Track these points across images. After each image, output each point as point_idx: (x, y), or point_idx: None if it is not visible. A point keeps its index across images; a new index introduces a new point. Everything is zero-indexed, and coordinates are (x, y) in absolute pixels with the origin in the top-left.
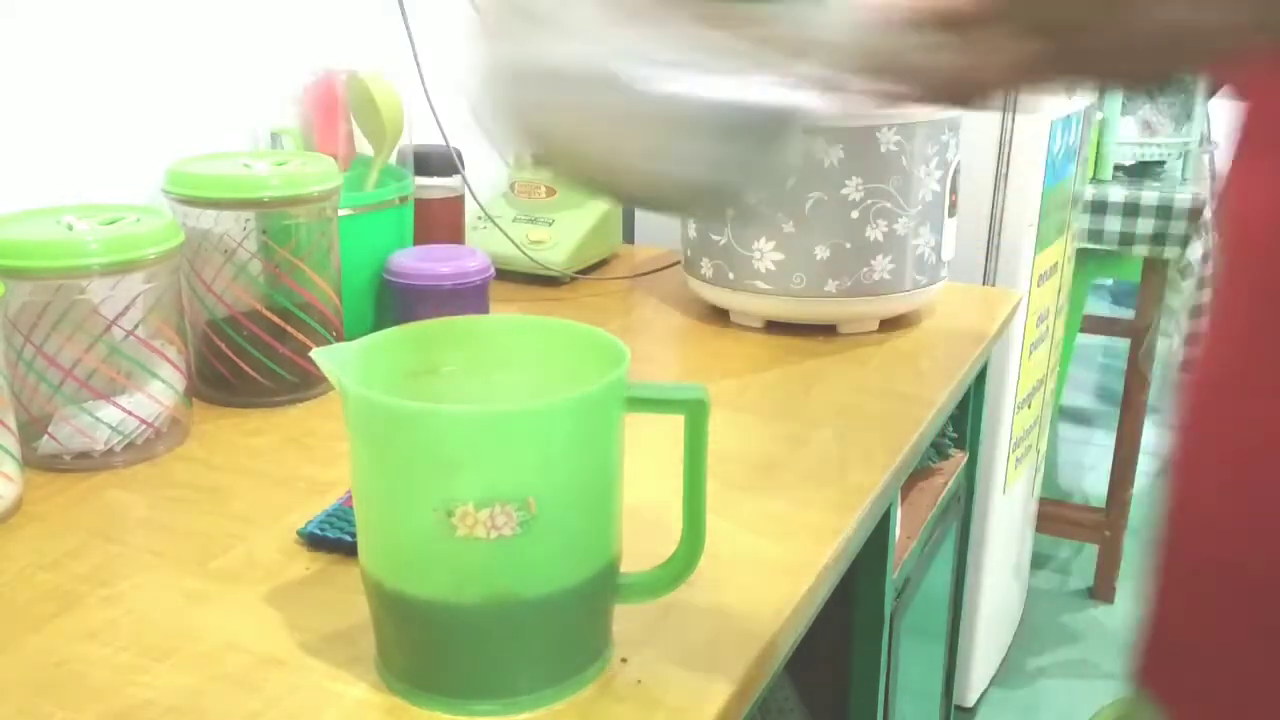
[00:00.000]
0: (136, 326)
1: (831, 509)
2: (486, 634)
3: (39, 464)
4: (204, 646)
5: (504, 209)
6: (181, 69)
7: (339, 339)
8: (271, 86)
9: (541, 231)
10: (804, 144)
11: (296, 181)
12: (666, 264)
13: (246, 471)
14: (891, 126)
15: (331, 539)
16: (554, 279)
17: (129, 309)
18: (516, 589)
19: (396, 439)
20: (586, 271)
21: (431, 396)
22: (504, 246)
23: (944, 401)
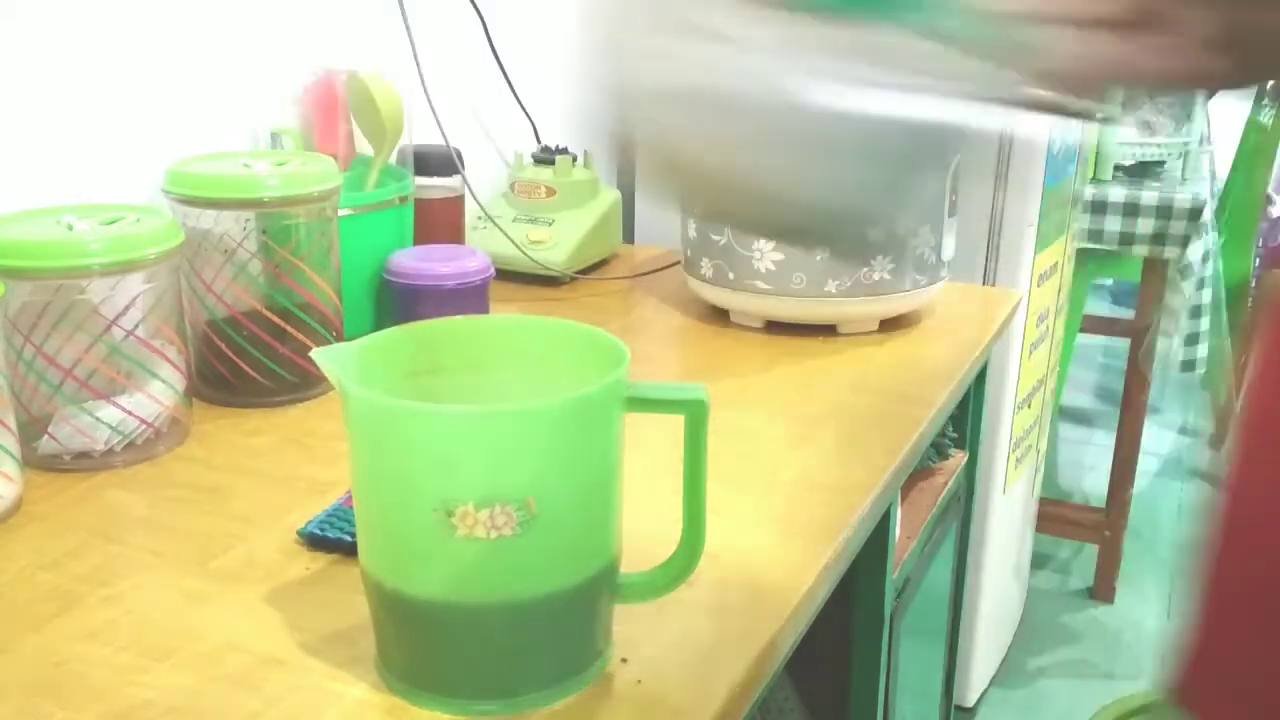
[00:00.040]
0: (136, 326)
1: (831, 509)
2: (486, 634)
3: (39, 464)
4: (204, 646)
5: (504, 209)
6: (181, 69)
7: (339, 339)
8: (271, 86)
9: (541, 231)
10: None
11: (296, 181)
12: (666, 264)
13: (246, 471)
14: None
15: (331, 539)
16: (554, 279)
17: (129, 309)
18: (516, 589)
19: (396, 439)
20: (586, 271)
21: (431, 396)
22: (504, 246)
23: (944, 401)
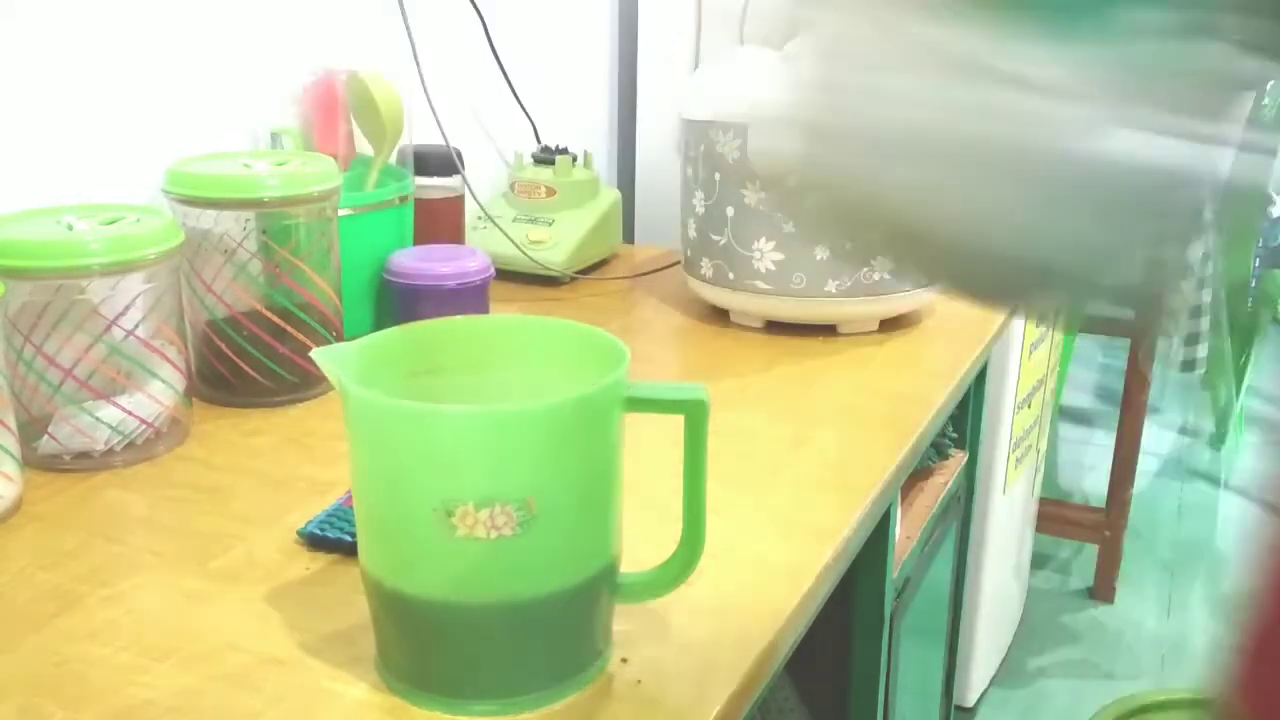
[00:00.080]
0: (136, 326)
1: (831, 509)
2: (486, 634)
3: (39, 464)
4: (204, 646)
5: (504, 209)
6: (181, 69)
7: (339, 339)
8: (271, 86)
9: (541, 231)
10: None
11: (296, 181)
12: (666, 264)
13: (246, 471)
14: None
15: (331, 539)
16: (554, 279)
17: (129, 309)
18: (516, 589)
19: (396, 439)
20: (586, 271)
21: (431, 396)
22: (504, 246)
23: (944, 401)
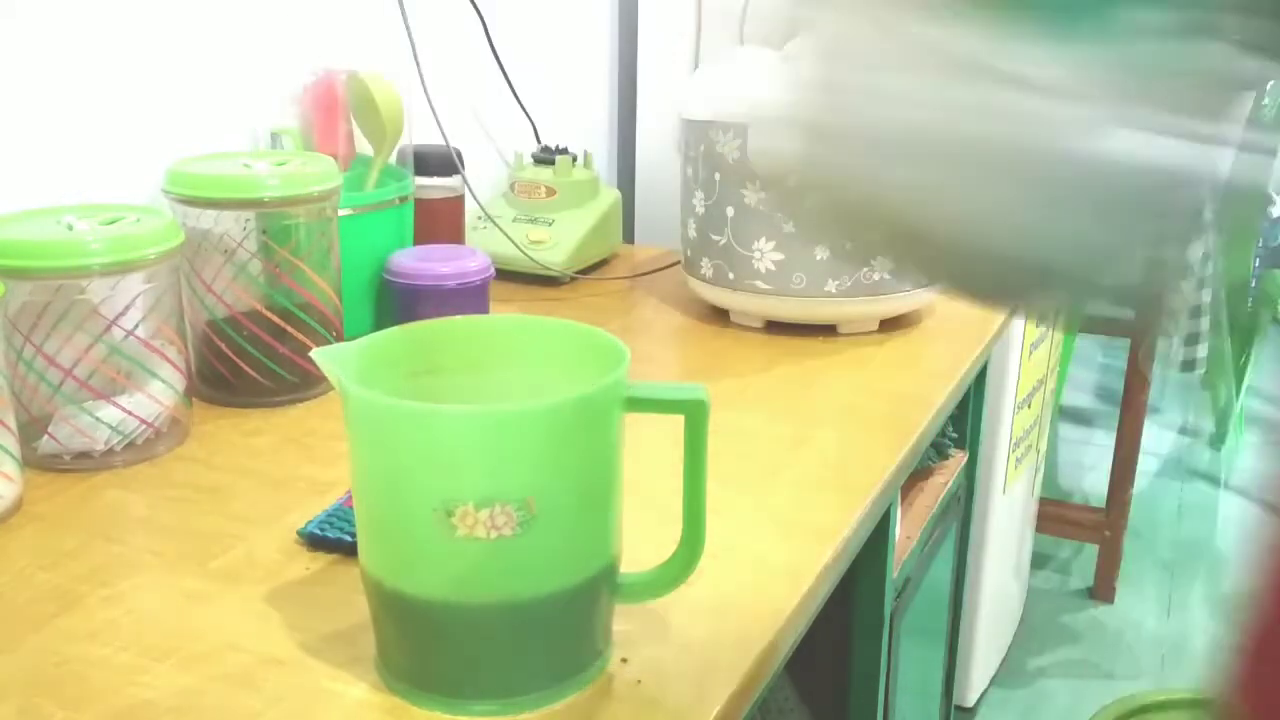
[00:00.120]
0: (136, 326)
1: (831, 509)
2: (486, 634)
3: (39, 464)
4: (204, 646)
5: (504, 209)
6: (181, 69)
7: (339, 339)
8: (271, 86)
9: (541, 231)
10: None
11: (296, 181)
12: (666, 264)
13: (246, 471)
14: None
15: (331, 539)
16: (554, 279)
17: (129, 309)
18: (516, 589)
19: (396, 439)
20: (586, 271)
21: (431, 396)
22: (504, 246)
23: (944, 401)
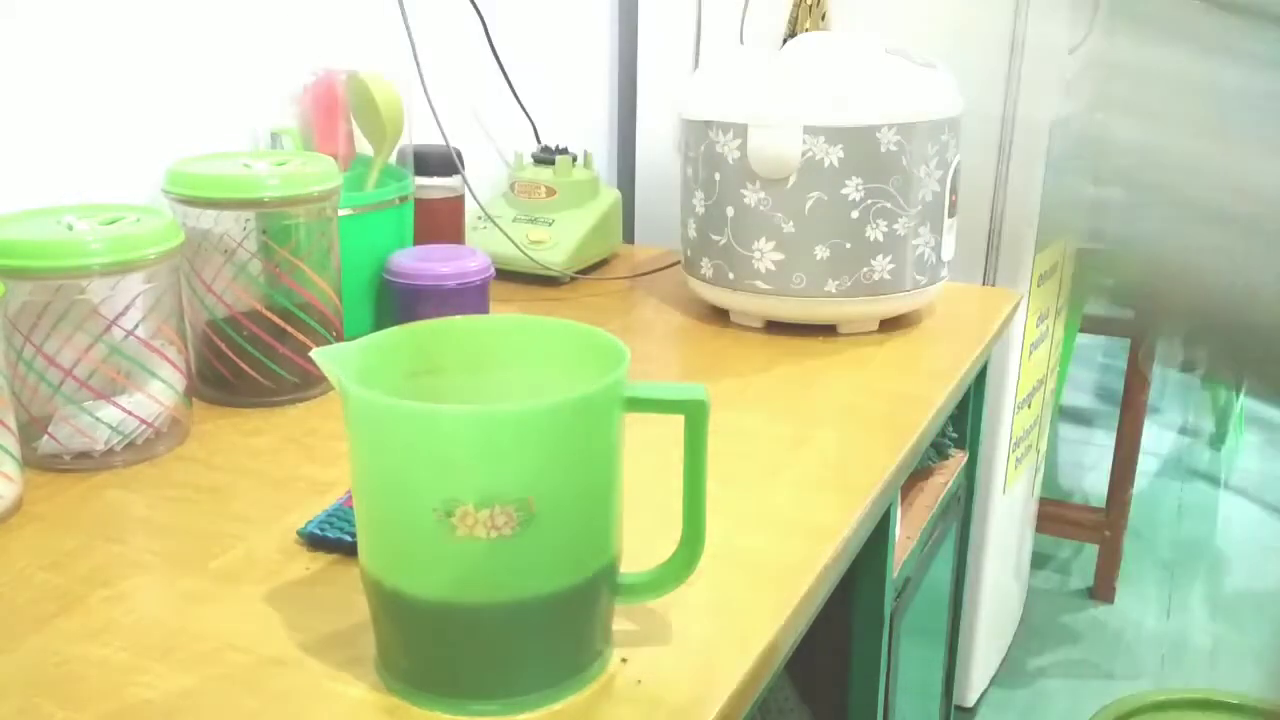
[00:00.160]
0: (136, 326)
1: (831, 509)
2: (486, 634)
3: (39, 464)
4: (204, 646)
5: (504, 209)
6: (181, 69)
7: (339, 339)
8: (271, 86)
9: (541, 231)
10: None
11: (296, 181)
12: (666, 264)
13: (246, 471)
14: (892, 126)
15: (331, 539)
16: (554, 279)
17: (129, 309)
18: (516, 589)
19: (396, 439)
20: (586, 271)
21: (431, 396)
22: (504, 246)
23: (944, 401)
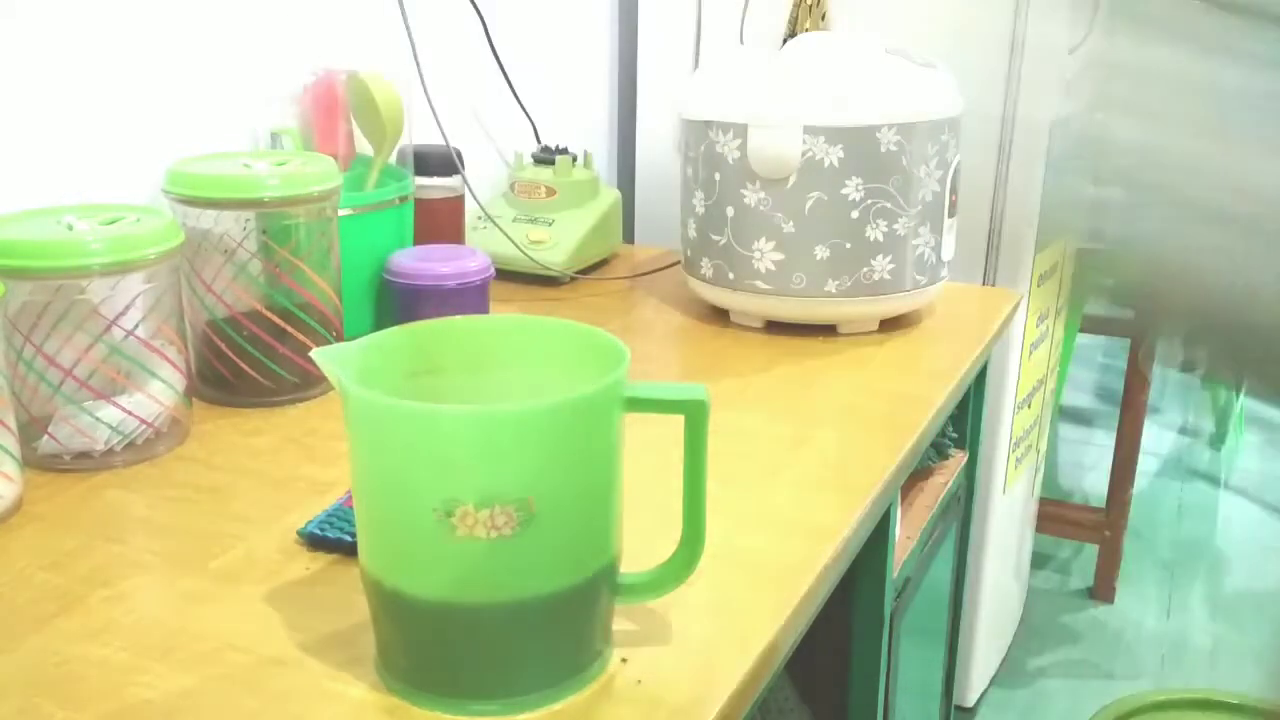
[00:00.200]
0: (136, 326)
1: (831, 509)
2: (486, 634)
3: (39, 464)
4: (204, 646)
5: (504, 209)
6: (181, 69)
7: (339, 339)
8: (271, 86)
9: (541, 231)
10: None
11: (296, 181)
12: (666, 264)
13: (246, 471)
14: (892, 126)
15: (331, 539)
16: (554, 279)
17: (129, 309)
18: (516, 589)
19: (396, 439)
20: (586, 271)
21: (431, 396)
22: (504, 246)
23: (944, 401)
